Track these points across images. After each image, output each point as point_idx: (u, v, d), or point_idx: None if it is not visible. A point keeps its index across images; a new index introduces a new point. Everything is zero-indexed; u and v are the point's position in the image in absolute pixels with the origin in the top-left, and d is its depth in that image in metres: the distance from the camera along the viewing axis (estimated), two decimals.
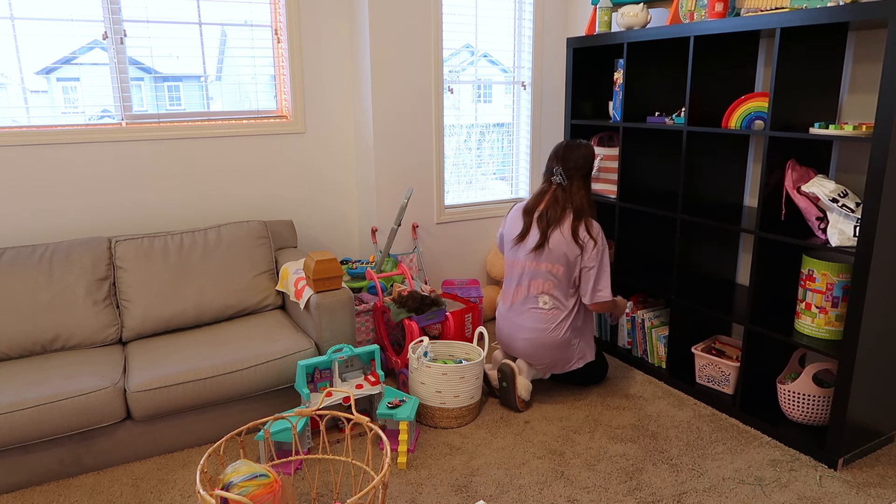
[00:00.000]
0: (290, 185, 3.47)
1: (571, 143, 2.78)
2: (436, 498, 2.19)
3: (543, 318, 2.74)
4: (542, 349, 2.75)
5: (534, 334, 2.75)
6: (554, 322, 2.73)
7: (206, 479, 1.74)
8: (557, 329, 2.73)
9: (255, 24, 3.27)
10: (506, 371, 2.73)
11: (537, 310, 2.75)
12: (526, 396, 2.75)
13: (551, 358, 2.78)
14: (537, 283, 2.73)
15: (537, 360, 2.79)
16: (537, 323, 2.74)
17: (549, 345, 2.74)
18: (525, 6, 3.78)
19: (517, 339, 2.80)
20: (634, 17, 3.01)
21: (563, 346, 2.76)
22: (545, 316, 2.74)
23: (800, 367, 2.70)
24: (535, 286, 2.74)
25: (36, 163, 2.87)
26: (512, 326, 2.82)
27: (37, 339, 2.56)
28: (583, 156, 2.74)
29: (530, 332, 2.75)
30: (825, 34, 2.43)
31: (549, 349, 2.75)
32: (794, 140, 2.49)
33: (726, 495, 2.19)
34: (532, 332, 2.75)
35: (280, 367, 2.54)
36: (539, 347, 2.75)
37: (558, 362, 2.80)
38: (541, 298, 2.74)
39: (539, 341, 2.74)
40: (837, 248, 2.24)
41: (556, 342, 2.74)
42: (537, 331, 2.74)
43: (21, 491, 2.24)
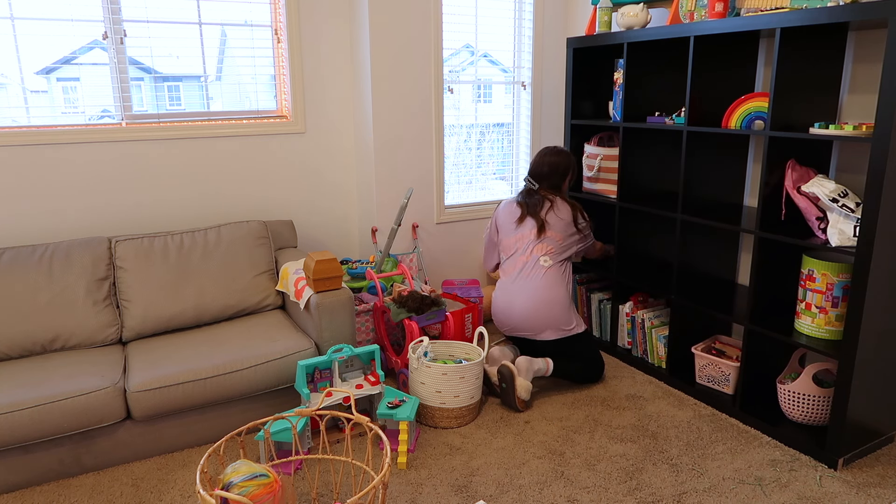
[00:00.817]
0: (289, 185, 3.47)
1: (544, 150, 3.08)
2: (436, 498, 2.19)
3: (547, 276, 2.90)
4: (546, 305, 2.86)
5: (538, 292, 2.87)
6: (555, 278, 2.90)
7: (206, 479, 1.74)
8: (559, 285, 2.90)
9: (255, 24, 3.27)
10: (504, 373, 2.73)
11: (539, 268, 2.91)
12: (526, 397, 2.75)
13: (551, 315, 2.87)
14: (540, 246, 2.95)
15: (538, 319, 2.87)
16: (540, 281, 2.89)
17: (552, 300, 2.87)
18: (525, 6, 3.78)
19: (515, 306, 2.90)
20: (634, 17, 3.01)
21: (564, 304, 2.90)
22: (547, 272, 2.91)
23: (800, 367, 2.70)
24: (538, 249, 2.95)
25: (36, 163, 2.87)
26: (511, 294, 2.93)
27: (37, 339, 2.56)
28: (547, 164, 3.03)
29: (531, 290, 2.88)
30: (825, 34, 2.43)
31: (552, 304, 2.87)
32: (794, 140, 2.49)
33: (726, 495, 2.19)
34: (533, 290, 2.88)
35: (280, 367, 2.54)
36: (543, 303, 2.86)
37: (558, 321, 2.89)
38: (542, 259, 2.93)
39: (542, 298, 2.86)
40: (837, 248, 2.24)
41: (559, 297, 2.88)
42: (540, 288, 2.88)
43: (21, 491, 2.24)
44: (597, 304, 3.49)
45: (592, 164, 3.37)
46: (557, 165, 3.02)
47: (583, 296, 3.56)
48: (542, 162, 3.04)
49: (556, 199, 2.99)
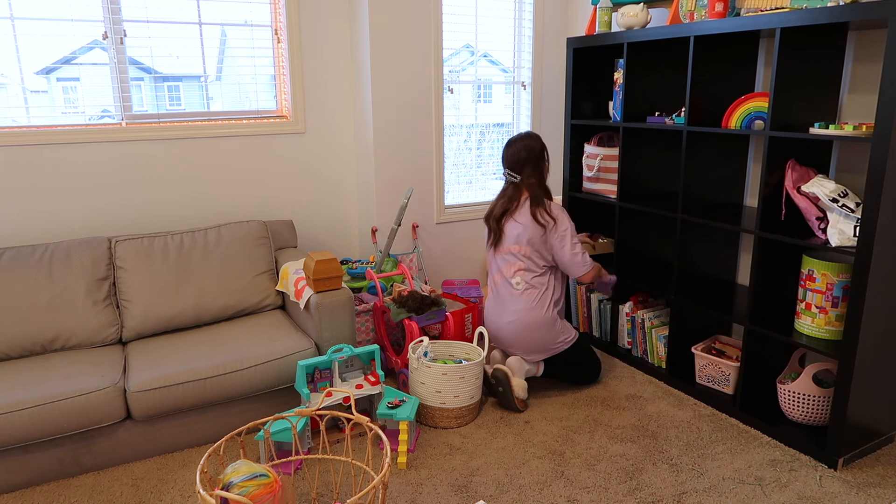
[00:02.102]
0: (290, 185, 3.47)
1: (511, 140, 2.88)
2: (436, 498, 2.19)
3: (522, 299, 2.79)
4: (526, 330, 2.77)
5: (516, 316, 2.78)
6: (533, 301, 2.78)
7: (206, 479, 1.74)
8: (538, 307, 2.78)
9: (255, 24, 3.27)
10: (499, 376, 2.74)
11: (514, 291, 2.81)
12: (523, 395, 2.76)
13: (536, 339, 2.79)
14: (508, 266, 2.82)
15: (523, 344, 2.80)
16: (517, 304, 2.79)
17: (532, 324, 2.77)
18: (525, 6, 3.78)
19: (502, 327, 2.83)
20: (634, 17, 3.01)
21: (547, 325, 2.79)
22: (522, 296, 2.79)
23: (800, 367, 2.70)
24: (507, 269, 2.83)
25: (36, 163, 2.87)
26: (496, 314, 2.86)
27: (37, 339, 2.56)
28: (524, 148, 2.82)
29: (512, 314, 2.79)
30: (825, 34, 2.43)
31: (533, 329, 2.77)
32: (794, 140, 2.49)
33: (726, 495, 2.19)
34: (514, 313, 2.79)
35: (280, 367, 2.54)
36: (523, 328, 2.77)
37: (545, 343, 2.81)
38: (513, 280, 2.81)
39: (522, 322, 2.77)
40: (837, 248, 2.24)
41: (539, 321, 2.77)
42: (519, 312, 2.78)
43: (21, 491, 2.24)
44: (597, 304, 3.49)
45: (592, 164, 3.37)
46: (534, 148, 2.82)
47: (583, 296, 3.56)
48: (519, 148, 2.83)
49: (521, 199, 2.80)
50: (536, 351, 2.84)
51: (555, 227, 2.75)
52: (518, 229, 2.77)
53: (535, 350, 2.83)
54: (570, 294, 3.65)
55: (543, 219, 2.75)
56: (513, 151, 2.84)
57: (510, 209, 2.82)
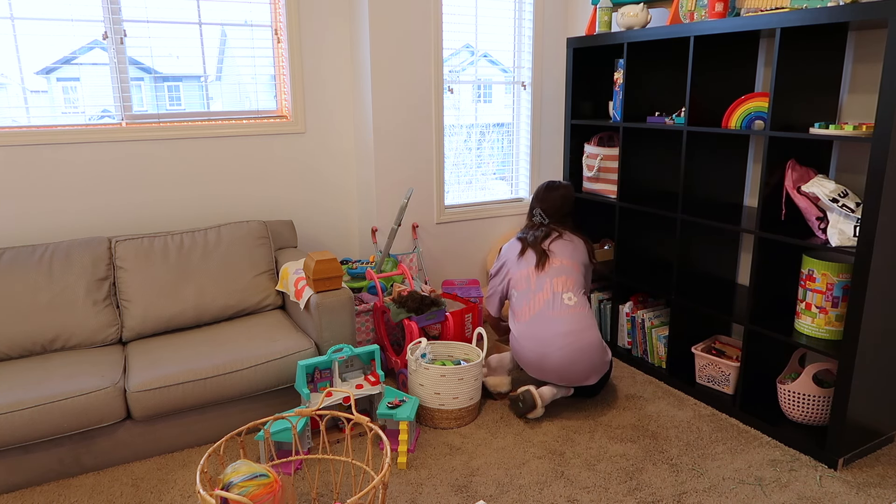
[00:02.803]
0: (290, 185, 3.47)
1: (551, 185, 3.01)
2: (436, 498, 2.19)
3: (575, 316, 2.57)
4: (581, 354, 2.54)
5: (570, 339, 2.54)
6: (586, 319, 2.60)
7: (206, 479, 1.74)
8: (591, 327, 2.60)
9: (255, 24, 3.27)
10: (527, 399, 2.57)
11: (566, 308, 2.58)
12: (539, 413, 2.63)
13: (590, 363, 2.56)
14: (559, 280, 2.68)
15: (574, 371, 2.55)
16: (571, 325, 2.56)
17: (587, 347, 2.54)
18: (525, 6, 3.78)
19: (551, 353, 2.55)
20: (634, 17, 3.01)
21: (600, 349, 2.60)
22: (576, 313, 2.58)
23: (800, 367, 2.70)
24: (557, 283, 2.66)
25: (36, 163, 2.87)
26: (541, 340, 2.57)
27: (37, 339, 2.56)
28: (560, 196, 2.96)
29: (565, 336, 2.54)
30: (825, 34, 2.43)
31: (587, 353, 2.55)
32: (794, 140, 2.49)
33: (726, 495, 2.19)
34: (567, 336, 2.54)
35: (280, 367, 2.54)
36: (577, 352, 2.53)
37: (595, 368, 2.59)
38: (565, 295, 2.62)
39: (577, 345, 2.53)
40: (837, 248, 2.24)
41: (595, 344, 2.57)
42: (573, 334, 2.54)
43: (21, 491, 2.24)
44: (597, 304, 3.49)
45: (592, 164, 3.37)
46: (567, 197, 2.96)
47: None
48: (555, 196, 2.95)
49: (565, 232, 2.89)
50: (591, 374, 2.58)
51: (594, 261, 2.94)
52: (570, 247, 2.83)
53: (589, 374, 2.58)
54: None
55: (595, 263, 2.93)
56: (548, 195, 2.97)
57: (552, 234, 2.86)
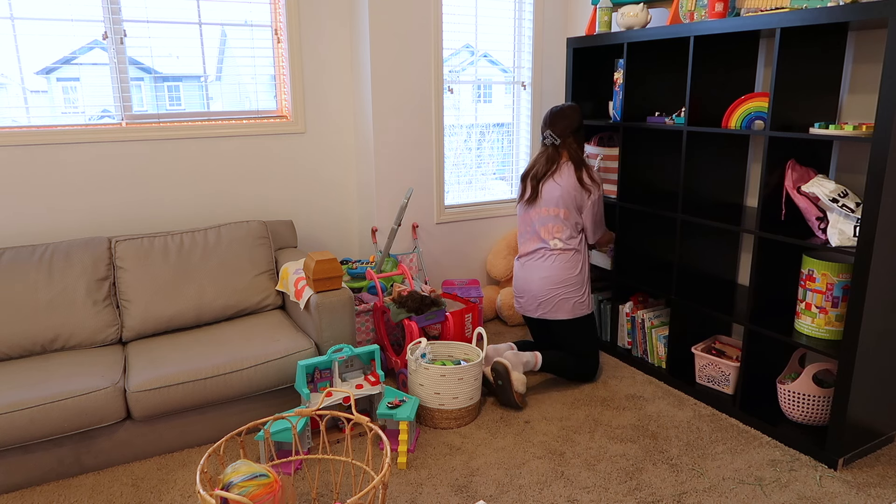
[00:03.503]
0: (290, 185, 3.47)
1: (557, 108, 2.97)
2: (436, 498, 2.19)
3: (557, 258, 2.91)
4: (557, 286, 2.89)
5: (550, 272, 2.91)
6: (567, 259, 2.90)
7: (206, 479, 1.74)
8: (572, 265, 2.91)
9: (255, 24, 3.27)
10: (499, 369, 2.75)
11: (549, 251, 2.92)
12: (522, 390, 2.78)
13: (565, 295, 2.90)
14: (547, 227, 2.92)
15: (551, 299, 2.91)
16: (551, 261, 2.91)
17: (564, 280, 2.89)
18: (525, 6, 3.78)
19: (533, 280, 2.94)
20: (634, 17, 3.01)
21: (577, 284, 2.92)
22: (559, 256, 2.91)
23: (800, 367, 2.70)
24: (545, 231, 2.93)
25: (36, 163, 2.87)
26: (528, 271, 2.98)
27: (37, 339, 2.56)
28: (572, 113, 2.94)
29: (547, 270, 2.92)
30: (825, 34, 2.43)
31: (562, 286, 2.89)
32: (794, 140, 2.49)
33: (726, 495, 2.19)
34: (548, 270, 2.91)
35: (280, 367, 2.54)
36: (555, 284, 2.90)
37: (566, 303, 2.91)
38: (551, 241, 2.92)
39: (555, 278, 2.90)
40: (837, 248, 2.24)
41: (572, 278, 2.90)
42: (554, 268, 2.90)
43: (21, 491, 2.24)
44: (597, 304, 3.49)
45: (592, 164, 3.37)
46: (579, 118, 2.94)
47: None
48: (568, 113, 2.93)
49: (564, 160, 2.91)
50: (559, 309, 2.93)
51: (595, 191, 2.90)
52: (558, 191, 2.87)
53: (558, 308, 2.92)
54: None
55: (588, 182, 2.88)
56: (561, 115, 2.93)
57: (551, 170, 2.91)
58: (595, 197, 2.89)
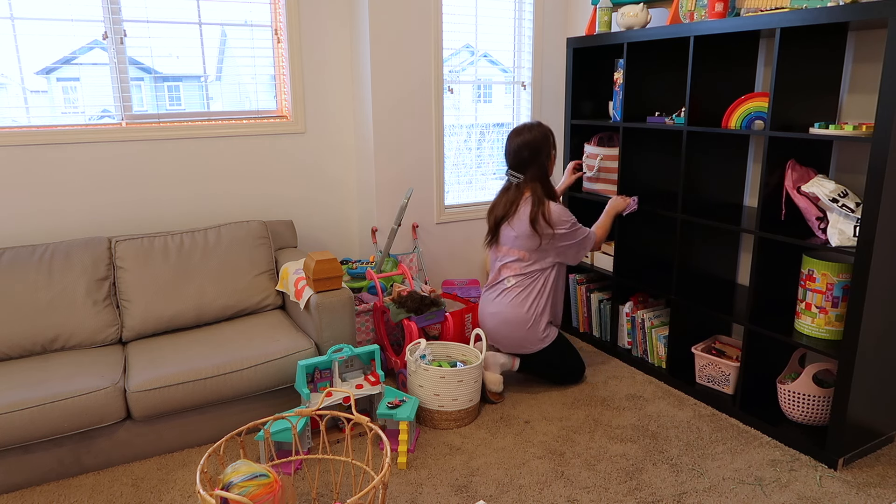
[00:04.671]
0: (290, 185, 3.47)
1: (515, 131, 2.81)
2: (436, 498, 2.19)
3: (507, 295, 2.85)
4: (506, 326, 2.84)
5: (498, 308, 2.86)
6: (516, 298, 2.83)
7: (206, 479, 1.74)
8: (519, 306, 2.82)
9: (255, 24, 3.27)
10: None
11: (502, 288, 2.88)
12: (497, 389, 2.82)
13: (516, 336, 2.85)
14: (505, 266, 2.88)
15: (503, 338, 2.88)
16: (503, 298, 2.86)
17: (511, 321, 2.83)
18: (525, 6, 3.78)
19: (486, 317, 2.92)
20: (634, 17, 3.01)
21: (522, 324, 2.83)
22: (508, 293, 2.85)
23: (800, 367, 2.70)
24: (504, 270, 2.88)
25: (36, 163, 2.87)
26: (484, 307, 2.95)
27: (37, 339, 2.56)
28: (525, 146, 2.75)
29: (497, 306, 2.87)
30: (825, 34, 2.43)
31: (512, 326, 2.83)
32: (794, 140, 2.49)
33: (726, 495, 2.19)
34: (498, 305, 2.87)
35: (280, 367, 2.54)
36: (503, 324, 2.85)
37: (524, 342, 2.86)
38: (507, 280, 2.87)
39: (503, 316, 2.84)
40: (837, 248, 2.24)
41: (519, 319, 2.82)
42: (502, 304, 2.85)
43: (21, 491, 2.24)
44: (597, 304, 3.49)
45: (592, 164, 3.37)
46: (537, 145, 2.75)
47: (583, 296, 3.56)
48: (520, 146, 2.76)
49: (523, 200, 2.76)
50: (512, 347, 2.89)
51: (553, 237, 2.74)
52: (513, 234, 2.80)
53: (511, 346, 2.89)
54: (570, 294, 3.65)
55: (542, 230, 2.71)
56: (515, 150, 2.77)
57: (508, 213, 2.81)
58: (561, 239, 2.74)
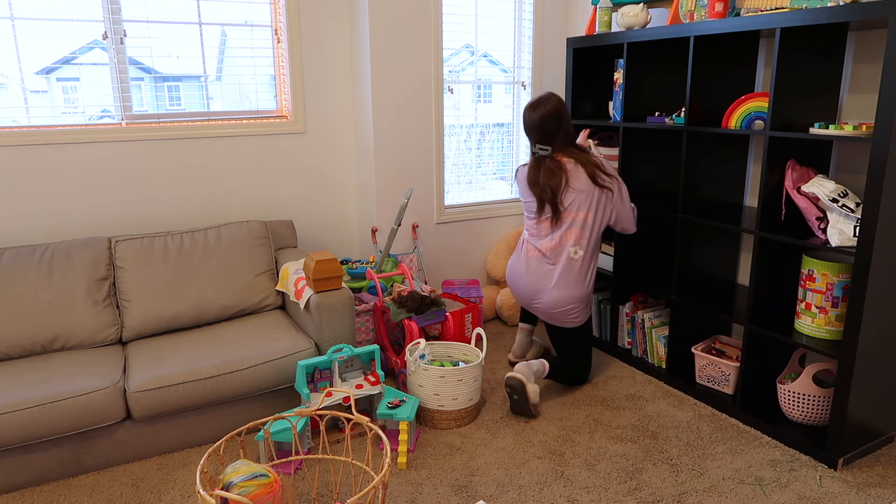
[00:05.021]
0: (290, 185, 3.47)
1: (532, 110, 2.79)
2: (436, 498, 2.19)
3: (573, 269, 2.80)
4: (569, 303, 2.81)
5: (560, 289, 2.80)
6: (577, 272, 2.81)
7: (206, 479, 1.74)
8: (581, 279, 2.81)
9: (255, 24, 3.27)
10: (514, 385, 2.66)
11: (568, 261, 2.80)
12: (536, 400, 2.73)
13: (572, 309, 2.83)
14: (567, 234, 2.80)
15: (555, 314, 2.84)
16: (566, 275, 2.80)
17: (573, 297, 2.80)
18: (525, 6, 3.78)
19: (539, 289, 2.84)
20: (634, 17, 3.01)
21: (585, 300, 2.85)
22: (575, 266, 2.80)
23: (800, 367, 2.70)
24: (566, 237, 2.80)
25: (36, 163, 2.87)
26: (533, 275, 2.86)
27: (37, 339, 2.56)
28: (550, 119, 2.75)
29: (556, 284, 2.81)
30: (825, 34, 2.43)
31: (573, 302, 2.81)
32: (794, 140, 2.49)
33: (726, 495, 2.19)
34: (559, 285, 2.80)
35: (280, 367, 2.54)
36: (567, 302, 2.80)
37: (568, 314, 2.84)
38: (572, 249, 2.79)
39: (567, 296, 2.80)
40: (837, 248, 2.24)
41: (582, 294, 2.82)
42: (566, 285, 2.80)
43: (21, 491, 2.24)
44: (597, 304, 3.49)
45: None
46: (558, 112, 2.74)
47: None
48: (544, 118, 2.74)
49: (569, 164, 2.74)
50: (551, 316, 2.87)
51: (619, 187, 2.78)
52: (581, 197, 2.74)
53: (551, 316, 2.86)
54: None
55: (604, 182, 2.74)
56: (540, 123, 2.75)
57: (560, 182, 2.74)
58: (619, 191, 2.78)
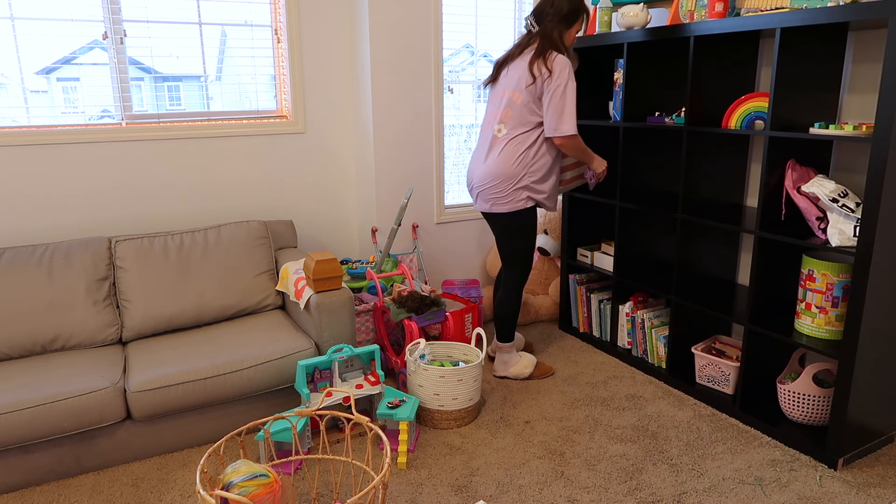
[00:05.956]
0: (289, 185, 3.47)
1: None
2: (436, 498, 2.19)
3: (497, 144, 2.78)
4: (489, 177, 2.78)
5: (489, 158, 2.79)
6: (504, 148, 2.75)
7: (206, 479, 1.74)
8: (507, 156, 2.74)
9: (255, 24, 3.27)
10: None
11: (493, 138, 2.80)
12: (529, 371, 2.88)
13: (494, 188, 2.78)
14: (497, 111, 2.80)
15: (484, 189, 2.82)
16: (493, 148, 2.79)
17: (496, 172, 2.76)
18: (525, 6, 3.78)
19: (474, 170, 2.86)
20: (634, 17, 3.01)
21: (507, 178, 2.76)
22: (498, 142, 2.77)
23: (800, 367, 2.70)
24: (494, 115, 2.81)
25: (36, 163, 2.87)
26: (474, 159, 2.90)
27: (37, 339, 2.56)
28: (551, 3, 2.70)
29: (485, 156, 2.81)
30: (825, 34, 2.43)
31: (494, 177, 2.77)
32: (794, 140, 2.49)
33: (726, 495, 2.19)
34: (487, 156, 2.80)
35: (280, 367, 2.54)
36: (487, 175, 2.79)
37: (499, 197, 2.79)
38: (496, 126, 2.79)
39: (490, 166, 2.78)
40: (837, 248, 2.24)
41: (503, 171, 2.75)
42: (491, 155, 2.79)
43: (21, 491, 2.24)
44: (597, 304, 3.49)
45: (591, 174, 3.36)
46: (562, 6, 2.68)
47: (583, 296, 3.56)
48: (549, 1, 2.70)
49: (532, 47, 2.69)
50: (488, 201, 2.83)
51: (549, 78, 2.62)
52: (515, 74, 2.73)
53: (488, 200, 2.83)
54: (570, 294, 3.65)
55: (538, 70, 2.63)
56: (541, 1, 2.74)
57: (514, 55, 2.77)
58: (553, 85, 2.61)
